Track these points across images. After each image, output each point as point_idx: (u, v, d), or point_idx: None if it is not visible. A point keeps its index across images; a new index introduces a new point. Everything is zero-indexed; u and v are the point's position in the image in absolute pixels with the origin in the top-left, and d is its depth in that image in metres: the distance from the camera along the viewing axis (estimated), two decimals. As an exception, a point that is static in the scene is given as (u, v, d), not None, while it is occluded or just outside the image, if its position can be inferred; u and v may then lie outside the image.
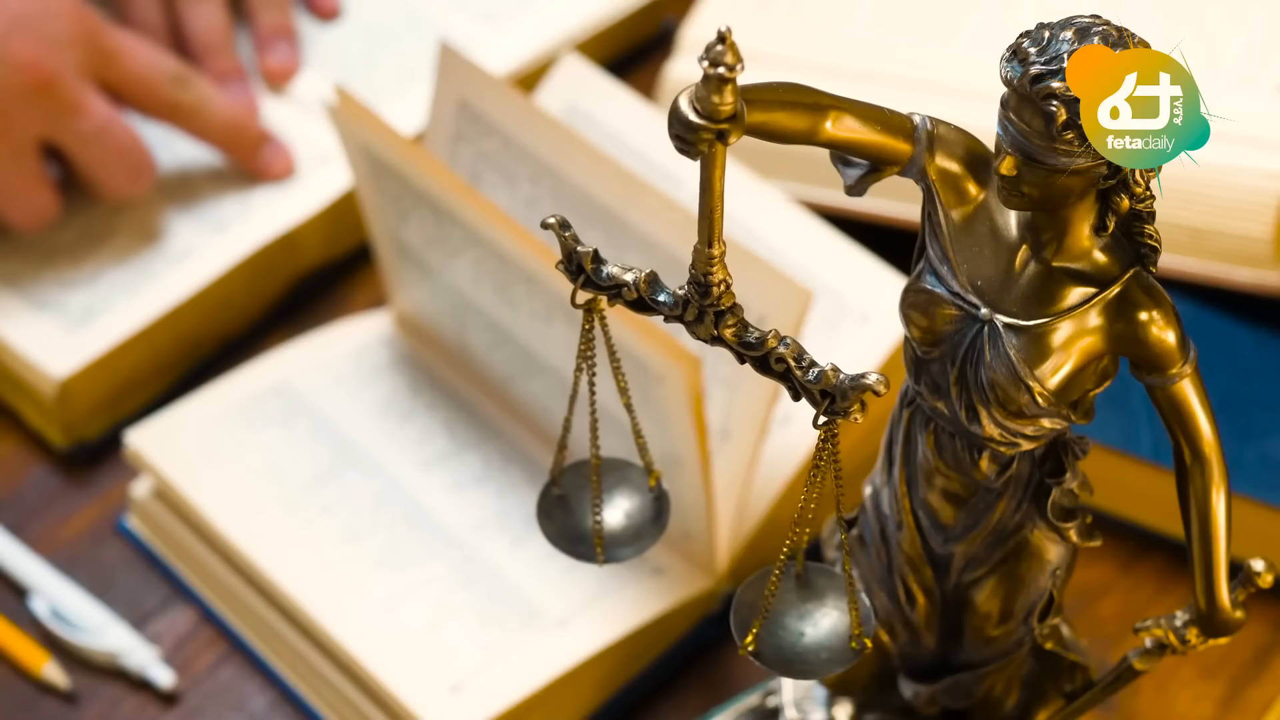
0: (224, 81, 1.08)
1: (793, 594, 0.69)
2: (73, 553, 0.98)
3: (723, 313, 0.65)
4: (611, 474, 0.74)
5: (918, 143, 0.65)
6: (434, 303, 1.00)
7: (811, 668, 0.69)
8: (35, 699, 0.93)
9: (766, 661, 0.69)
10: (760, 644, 0.68)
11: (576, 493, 0.74)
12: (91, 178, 1.03)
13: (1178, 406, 0.67)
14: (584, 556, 0.73)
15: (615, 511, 0.74)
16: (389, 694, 0.88)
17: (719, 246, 0.63)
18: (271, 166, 1.06)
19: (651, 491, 0.74)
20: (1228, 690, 0.92)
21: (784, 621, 0.69)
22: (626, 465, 0.75)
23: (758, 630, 0.68)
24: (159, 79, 1.04)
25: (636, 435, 0.73)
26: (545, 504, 0.74)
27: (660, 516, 0.74)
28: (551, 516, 0.74)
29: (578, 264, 0.66)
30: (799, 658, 0.69)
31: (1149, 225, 0.65)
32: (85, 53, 1.01)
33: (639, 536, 0.74)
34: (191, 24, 1.09)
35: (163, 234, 1.05)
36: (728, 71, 0.58)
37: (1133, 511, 0.96)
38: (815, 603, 0.69)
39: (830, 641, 0.69)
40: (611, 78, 1.04)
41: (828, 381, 0.63)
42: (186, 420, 0.98)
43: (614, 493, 0.74)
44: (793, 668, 0.69)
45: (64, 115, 1.00)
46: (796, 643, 0.69)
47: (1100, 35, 0.62)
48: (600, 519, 0.73)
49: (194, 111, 1.05)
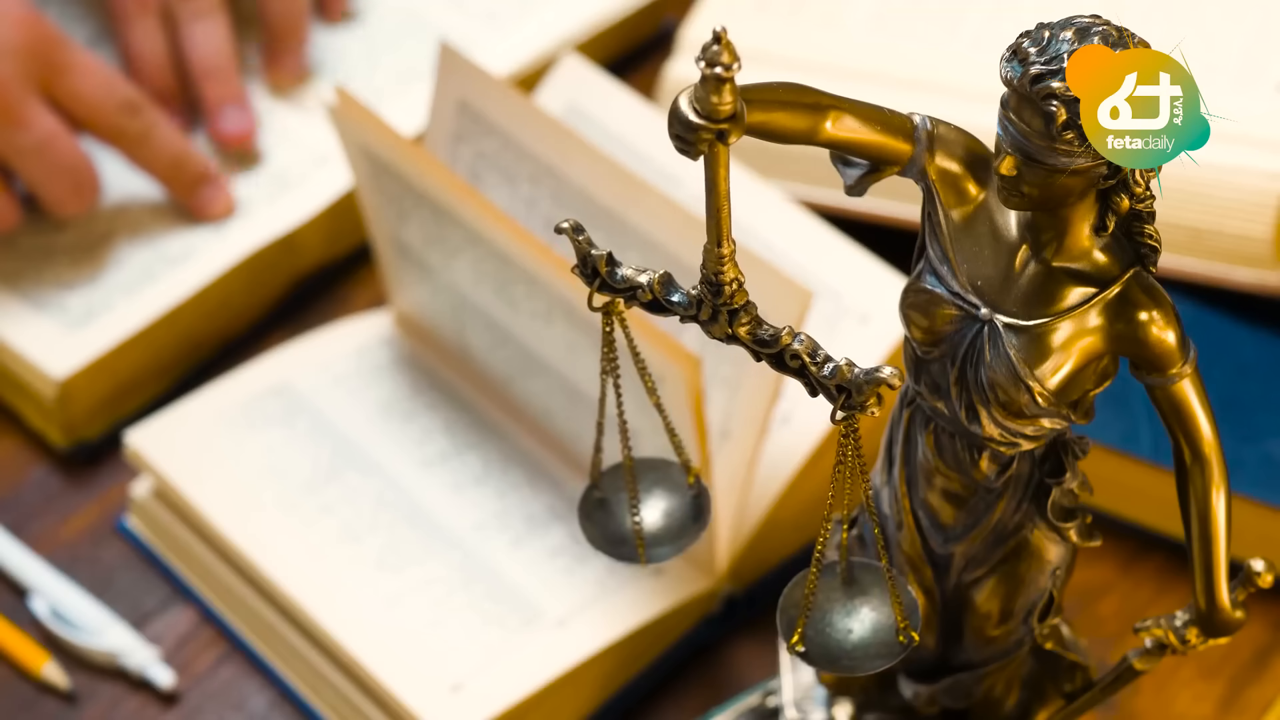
0: (224, 106, 1.07)
1: (837, 591, 0.69)
2: (73, 553, 0.98)
3: (736, 311, 0.65)
4: (650, 473, 0.74)
5: (918, 143, 0.65)
6: (434, 303, 1.00)
7: (859, 664, 0.69)
8: (35, 699, 0.93)
9: (814, 660, 0.68)
10: (808, 643, 0.68)
11: (616, 494, 0.74)
12: (33, 192, 1.02)
13: (1178, 406, 0.67)
14: (626, 557, 0.73)
15: (654, 511, 0.74)
16: (389, 694, 0.88)
17: (729, 245, 0.63)
18: (209, 206, 1.05)
19: (691, 489, 0.74)
20: (1228, 690, 0.92)
21: (830, 619, 0.69)
22: (666, 464, 0.74)
23: (803, 629, 0.68)
24: (107, 103, 1.02)
25: (671, 434, 0.72)
26: (586, 507, 0.74)
27: (701, 514, 0.74)
28: (592, 519, 0.74)
29: (593, 267, 0.66)
30: (847, 655, 0.68)
31: (1149, 225, 0.65)
32: (33, 64, 0.99)
33: (680, 535, 0.73)
34: (191, 49, 1.08)
35: (163, 234, 1.05)
36: (724, 71, 0.58)
37: (1133, 511, 0.96)
38: (860, 598, 0.69)
39: (876, 636, 0.68)
40: (611, 78, 1.04)
41: (843, 376, 0.63)
42: (186, 420, 0.98)
43: (653, 492, 0.74)
44: (841, 664, 0.69)
45: (3, 125, 0.99)
46: (844, 640, 0.68)
47: (1100, 35, 0.62)
48: (639, 519, 0.73)
49: (138, 141, 1.04)
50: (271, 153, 1.09)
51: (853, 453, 0.65)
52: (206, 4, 1.07)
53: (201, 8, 1.07)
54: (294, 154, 1.09)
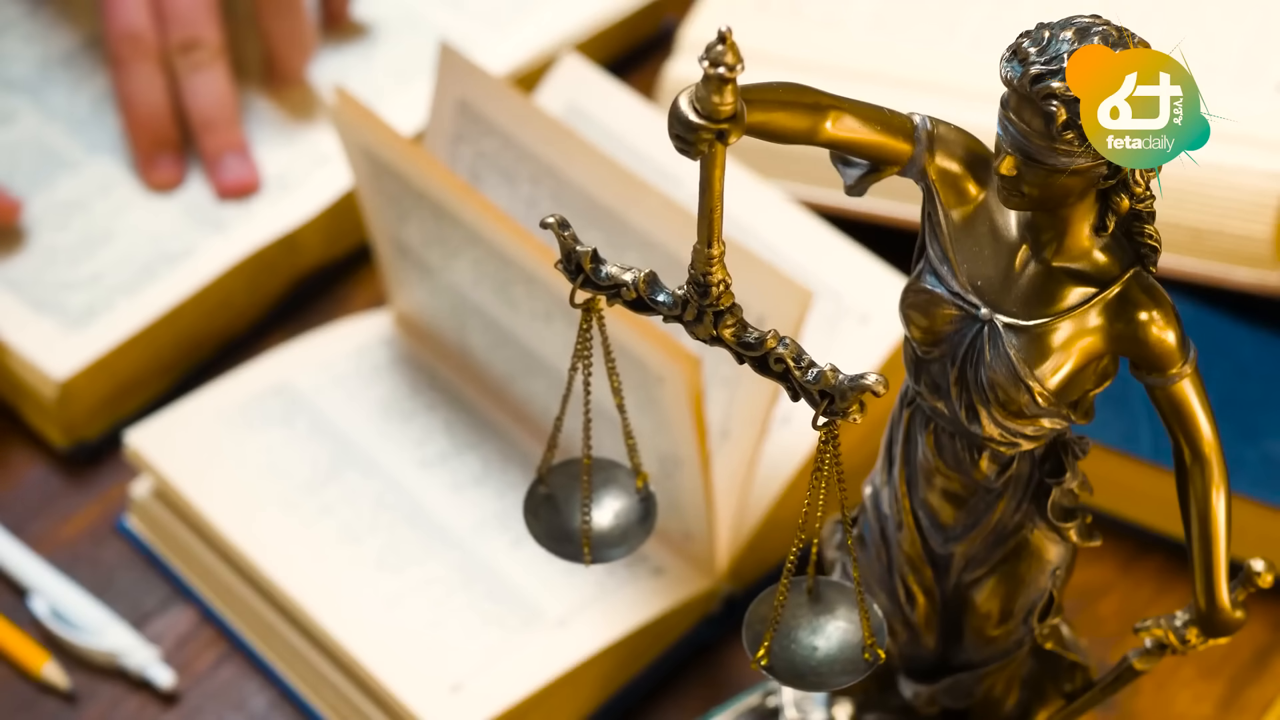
0: (222, 156, 1.07)
1: (804, 607, 0.69)
2: (73, 553, 0.98)
3: (721, 313, 0.65)
4: (598, 474, 0.74)
5: (918, 143, 0.65)
6: (434, 303, 1.00)
7: (824, 680, 0.69)
8: (35, 699, 0.93)
9: (780, 675, 0.69)
10: (773, 658, 0.69)
11: (563, 492, 0.74)
12: None
13: (1178, 406, 0.67)
14: (570, 556, 0.73)
15: (603, 512, 0.74)
16: (389, 694, 0.88)
17: (718, 246, 0.63)
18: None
19: (639, 493, 0.74)
20: (1228, 690, 0.92)
21: (796, 635, 0.69)
22: (613, 466, 0.74)
23: (769, 644, 0.68)
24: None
25: (627, 436, 0.73)
26: (532, 503, 0.74)
27: (647, 518, 0.74)
28: (538, 515, 0.74)
29: (576, 263, 0.66)
30: (812, 671, 0.69)
31: (1149, 225, 0.65)
32: None
33: (626, 537, 0.74)
34: (191, 100, 1.07)
35: (163, 234, 1.05)
36: (728, 71, 0.58)
37: (1133, 511, 0.96)
38: (827, 615, 0.69)
39: (843, 653, 0.69)
40: (611, 78, 1.04)
41: (826, 382, 0.63)
42: (186, 420, 0.98)
43: (600, 493, 0.74)
44: (806, 681, 0.69)
45: None
46: (810, 656, 0.69)
47: (1100, 35, 0.62)
48: (589, 519, 0.73)
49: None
50: (272, 152, 1.09)
51: (830, 460, 0.65)
52: (206, 55, 1.06)
53: (201, 59, 1.06)
54: (294, 153, 1.08)
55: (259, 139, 1.09)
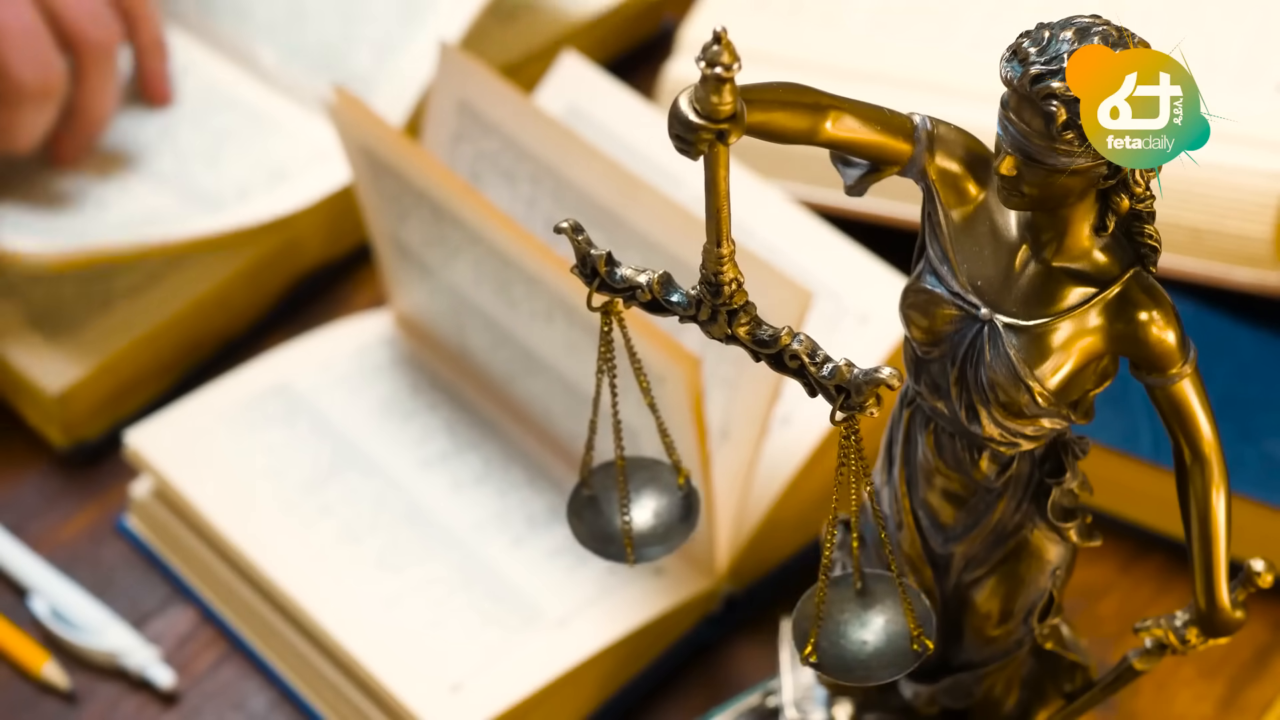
0: None
1: (851, 601, 0.69)
2: (73, 553, 0.98)
3: (735, 311, 0.65)
4: (641, 473, 0.74)
5: (918, 143, 0.65)
6: (434, 303, 1.00)
7: (873, 673, 0.69)
8: (35, 699, 0.93)
9: (830, 671, 0.68)
10: (821, 654, 0.68)
11: (605, 493, 0.74)
12: None
13: (1178, 406, 0.67)
14: (614, 556, 0.73)
15: (644, 510, 0.74)
16: (389, 694, 0.88)
17: (728, 245, 0.63)
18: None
19: (680, 489, 0.74)
20: (1228, 690, 0.92)
21: (844, 630, 0.69)
22: (656, 464, 0.74)
23: (816, 640, 0.68)
24: None
25: (663, 434, 0.73)
26: (575, 505, 0.74)
27: (690, 514, 0.74)
28: (582, 517, 0.74)
29: (592, 267, 0.66)
30: (861, 665, 0.68)
31: (1149, 225, 0.65)
32: None
33: (668, 535, 0.73)
34: None
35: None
36: (725, 71, 0.58)
37: (1133, 511, 0.96)
38: (873, 609, 0.69)
39: (890, 645, 0.68)
40: (611, 78, 1.04)
41: (842, 377, 0.63)
42: (186, 420, 0.98)
43: (643, 492, 0.74)
44: (855, 674, 0.69)
45: None
46: (859, 651, 0.68)
47: (1100, 35, 0.62)
48: (629, 519, 0.73)
49: None
50: (272, 151, 1.08)
51: (855, 454, 0.65)
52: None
53: None
54: (294, 153, 1.08)
55: None
